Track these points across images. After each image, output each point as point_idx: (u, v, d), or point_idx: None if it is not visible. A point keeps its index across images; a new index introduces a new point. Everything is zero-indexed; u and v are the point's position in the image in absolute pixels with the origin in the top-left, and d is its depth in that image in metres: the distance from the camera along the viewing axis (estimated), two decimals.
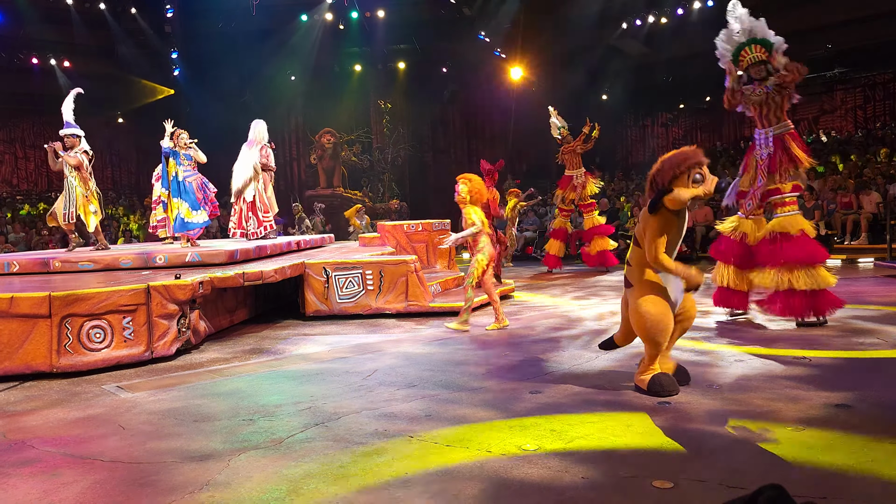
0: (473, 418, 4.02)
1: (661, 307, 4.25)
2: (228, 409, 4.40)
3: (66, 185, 8.70)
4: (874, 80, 19.84)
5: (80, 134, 8.82)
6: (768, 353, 5.33)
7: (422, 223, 10.48)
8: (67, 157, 8.60)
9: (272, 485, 3.16)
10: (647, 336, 4.29)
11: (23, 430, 4.16)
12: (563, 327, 6.92)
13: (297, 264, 7.81)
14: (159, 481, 3.27)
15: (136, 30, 19.04)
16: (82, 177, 8.68)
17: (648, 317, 4.24)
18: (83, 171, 8.67)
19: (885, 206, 12.41)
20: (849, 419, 3.74)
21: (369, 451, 3.54)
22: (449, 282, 9.22)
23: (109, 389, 5.08)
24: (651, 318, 4.23)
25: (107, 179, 23.33)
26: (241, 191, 9.75)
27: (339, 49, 20.56)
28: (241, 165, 9.80)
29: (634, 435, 3.62)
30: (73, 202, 8.65)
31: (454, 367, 5.35)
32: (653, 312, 4.23)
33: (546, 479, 3.12)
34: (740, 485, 2.91)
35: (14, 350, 5.45)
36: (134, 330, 5.81)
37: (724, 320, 6.85)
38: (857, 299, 7.72)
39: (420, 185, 22.79)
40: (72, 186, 8.65)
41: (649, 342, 4.31)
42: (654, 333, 4.24)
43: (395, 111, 22.43)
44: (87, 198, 8.71)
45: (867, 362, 5.00)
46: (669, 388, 4.29)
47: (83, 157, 8.70)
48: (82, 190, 8.67)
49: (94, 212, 8.77)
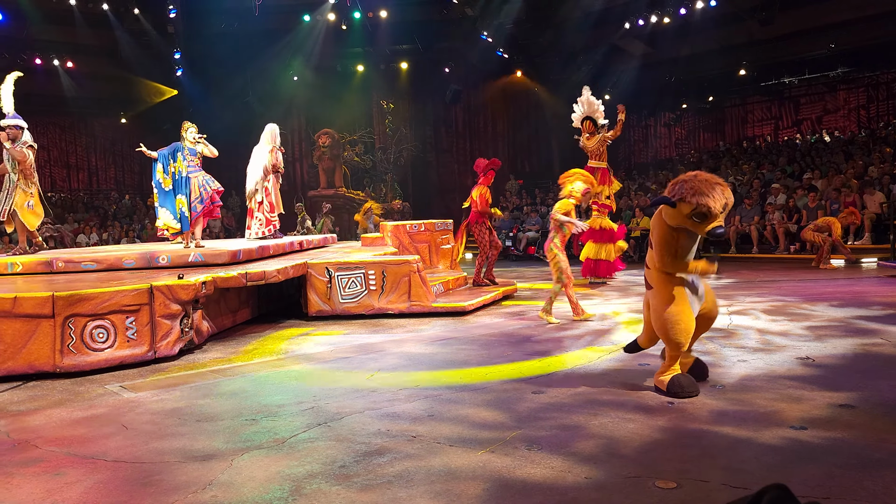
0: (476, 418, 4.02)
1: (682, 308, 4.23)
2: (231, 409, 4.40)
3: (7, 180, 8.20)
4: (877, 79, 19.81)
5: (23, 125, 8.24)
6: (771, 354, 5.32)
7: (424, 223, 10.48)
8: (12, 151, 8.04)
9: (275, 485, 3.16)
10: (667, 337, 4.28)
11: (26, 429, 4.17)
12: (565, 327, 6.91)
13: (300, 264, 7.81)
14: (162, 481, 3.27)
15: (140, 30, 19.05)
16: (25, 172, 8.16)
17: (669, 318, 4.23)
18: (26, 165, 8.14)
19: (889, 205, 12.38)
20: (852, 419, 3.73)
21: (372, 450, 3.54)
22: (451, 282, 9.22)
23: (112, 389, 5.09)
24: (671, 319, 4.22)
25: (110, 179, 23.40)
26: (252, 192, 9.89)
27: (341, 49, 20.57)
28: (253, 167, 9.94)
29: (638, 434, 3.62)
30: (9, 198, 8.11)
31: (456, 367, 5.35)
32: (673, 314, 4.22)
33: (549, 478, 3.11)
34: (744, 485, 2.91)
35: (17, 350, 5.46)
36: (137, 330, 5.82)
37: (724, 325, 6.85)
38: (861, 299, 7.71)
39: (422, 186, 22.80)
40: (11, 182, 8.16)
41: (670, 344, 4.30)
42: (675, 334, 4.23)
43: (398, 111, 22.44)
44: (30, 194, 8.21)
45: (871, 362, 4.99)
46: (689, 389, 4.25)
47: (28, 152, 8.17)
48: (24, 186, 8.16)
49: (32, 208, 8.26)
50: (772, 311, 7.22)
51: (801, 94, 21.29)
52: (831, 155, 16.95)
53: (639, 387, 4.54)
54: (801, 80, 20.05)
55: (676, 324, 4.21)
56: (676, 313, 4.22)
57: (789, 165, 17.09)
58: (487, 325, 7.19)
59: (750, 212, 14.63)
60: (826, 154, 17.28)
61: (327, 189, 22.17)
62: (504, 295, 9.13)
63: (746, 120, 22.62)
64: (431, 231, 10.33)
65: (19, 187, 8.17)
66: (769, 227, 14.04)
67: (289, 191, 22.28)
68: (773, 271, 11.27)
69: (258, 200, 9.91)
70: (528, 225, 17.55)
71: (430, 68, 21.36)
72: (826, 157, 17.01)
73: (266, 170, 9.85)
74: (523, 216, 18.41)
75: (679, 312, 4.22)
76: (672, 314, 4.22)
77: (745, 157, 19.43)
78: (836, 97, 20.87)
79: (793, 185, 15.21)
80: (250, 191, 9.98)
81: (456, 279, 9.43)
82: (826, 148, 18.13)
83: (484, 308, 8.33)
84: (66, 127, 21.57)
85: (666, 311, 4.24)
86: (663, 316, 4.25)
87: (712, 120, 23.06)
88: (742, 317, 6.99)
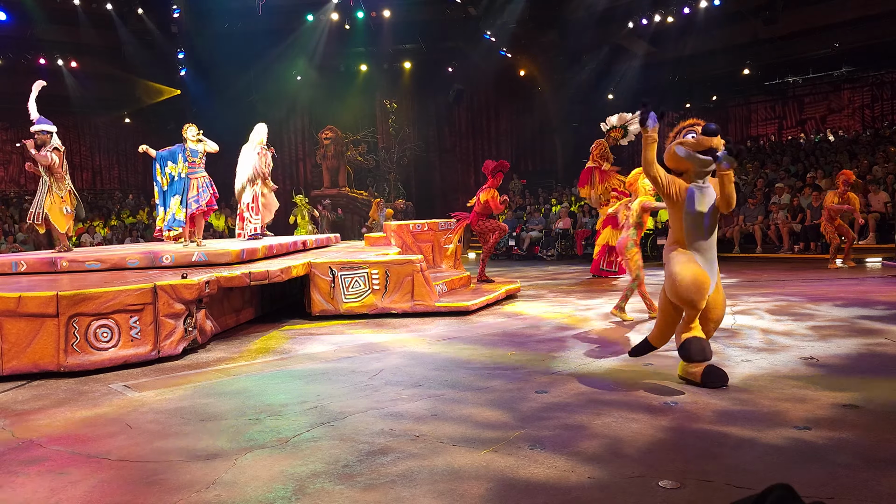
0: (479, 417, 4.02)
1: (693, 267, 4.29)
2: (235, 409, 4.41)
3: (41, 183, 8.39)
4: (882, 79, 19.76)
5: (51, 130, 8.38)
6: (775, 354, 5.31)
7: (427, 223, 10.47)
8: (39, 157, 8.21)
9: (278, 484, 3.16)
10: (681, 297, 4.31)
11: (30, 428, 4.18)
12: (569, 327, 6.91)
13: (303, 264, 7.82)
14: (166, 480, 3.28)
15: (143, 30, 19.10)
16: (56, 175, 8.30)
17: (679, 278, 4.27)
18: (56, 168, 8.29)
19: (894, 205, 12.35)
20: (857, 420, 3.72)
21: (375, 450, 3.54)
22: (455, 281, 9.22)
23: (116, 388, 5.10)
24: (682, 278, 4.27)
25: (114, 179, 23.46)
26: (240, 192, 9.92)
27: (344, 49, 20.59)
28: (242, 168, 9.93)
29: (641, 434, 3.62)
30: (41, 202, 8.30)
31: (460, 366, 5.35)
32: (685, 273, 4.27)
33: (552, 478, 3.11)
34: (748, 485, 2.90)
35: (22, 349, 5.47)
36: (141, 329, 5.83)
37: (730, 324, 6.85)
38: (865, 299, 7.69)
39: (426, 185, 22.80)
40: (44, 184, 8.34)
41: (685, 303, 4.33)
42: (689, 292, 4.26)
43: (401, 111, 22.45)
44: (63, 198, 8.36)
45: (875, 362, 4.98)
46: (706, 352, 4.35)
47: (54, 156, 8.28)
48: (56, 190, 8.31)
49: (69, 213, 8.45)
50: (776, 311, 7.21)
51: (805, 94, 21.26)
52: (835, 154, 16.92)
53: (642, 386, 4.53)
54: (805, 80, 20.02)
55: (689, 283, 4.24)
56: (688, 273, 4.26)
57: (793, 165, 17.07)
58: (491, 325, 7.19)
59: (754, 211, 14.60)
60: (830, 154, 17.25)
61: (331, 188, 22.19)
62: (507, 295, 9.12)
63: (750, 119, 22.59)
64: (435, 231, 10.33)
65: (52, 190, 8.34)
66: (773, 226, 14.02)
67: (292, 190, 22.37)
68: (776, 271, 11.25)
69: (246, 201, 9.95)
70: (532, 225, 17.54)
71: (434, 68, 21.37)
72: (830, 156, 16.97)
73: (256, 172, 9.85)
74: (526, 216, 18.40)
75: (690, 271, 4.26)
76: (683, 274, 4.26)
77: (749, 156, 19.41)
78: (840, 96, 20.83)
79: (797, 184, 15.19)
80: (238, 191, 9.99)
81: (459, 279, 9.42)
82: (830, 147, 18.10)
83: (487, 308, 8.33)
84: (70, 127, 21.61)
85: (677, 271, 4.29)
86: (674, 276, 4.30)
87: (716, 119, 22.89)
88: (746, 316, 6.98)
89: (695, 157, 4.31)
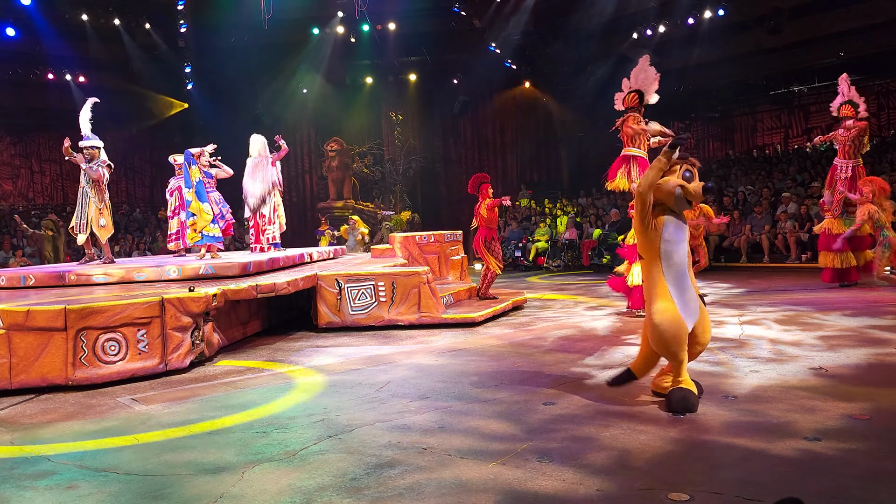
0: (486, 430, 4.00)
1: (670, 316, 4.17)
2: (242, 422, 4.41)
3: (81, 195, 8.71)
4: (888, 87, 19.72)
5: (100, 145, 8.86)
6: (783, 364, 5.28)
7: (433, 234, 10.49)
8: (89, 171, 8.62)
9: (286, 497, 3.16)
10: (662, 350, 4.25)
11: (39, 442, 4.19)
12: (575, 338, 6.89)
13: (310, 276, 7.83)
14: (174, 494, 3.28)
15: (151, 45, 19.23)
16: (99, 188, 8.70)
17: (659, 329, 4.19)
18: (102, 183, 8.71)
19: None
20: (866, 430, 3.69)
21: (382, 463, 3.54)
22: (461, 293, 9.21)
23: (124, 402, 5.11)
24: (660, 329, 4.17)
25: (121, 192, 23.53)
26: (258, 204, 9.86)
27: (350, 62, 20.71)
28: (256, 180, 9.83)
29: (650, 446, 3.60)
30: (84, 213, 8.66)
31: (467, 378, 5.34)
32: (663, 324, 4.17)
33: (560, 491, 3.10)
34: (757, 497, 2.88)
35: (30, 363, 5.49)
36: (148, 342, 5.84)
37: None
38: (874, 309, 7.65)
39: (432, 197, 22.82)
40: (87, 196, 8.67)
41: (667, 356, 4.27)
42: (669, 344, 4.19)
43: (407, 123, 22.51)
44: (101, 210, 8.71)
45: (884, 372, 4.95)
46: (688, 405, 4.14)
47: (105, 171, 8.74)
48: (96, 202, 8.67)
49: (104, 225, 8.77)
50: (784, 321, 7.17)
51: (810, 103, 21.21)
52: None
53: (650, 398, 4.51)
54: (811, 89, 19.99)
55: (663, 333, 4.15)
56: (665, 322, 4.14)
57: (800, 174, 17.02)
58: (498, 337, 7.18)
59: (761, 221, 14.56)
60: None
61: (336, 201, 22.25)
62: (514, 306, 9.11)
63: (756, 129, 22.55)
64: (441, 242, 10.33)
65: (92, 203, 8.66)
66: (780, 236, 13.97)
67: (298, 202, 22.42)
68: (784, 280, 11.20)
69: (264, 212, 9.92)
70: (538, 235, 17.52)
71: (439, 80, 21.44)
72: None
73: (274, 184, 9.86)
74: (532, 226, 18.39)
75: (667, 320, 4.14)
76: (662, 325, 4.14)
77: (756, 165, 19.37)
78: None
79: (804, 193, 15.14)
80: (255, 204, 9.85)
81: (466, 290, 9.42)
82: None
83: (494, 319, 8.32)
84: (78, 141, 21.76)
85: (656, 322, 4.17)
86: (653, 326, 4.20)
87: (721, 129, 22.99)
88: (754, 327, 6.95)
89: (683, 201, 4.28)
